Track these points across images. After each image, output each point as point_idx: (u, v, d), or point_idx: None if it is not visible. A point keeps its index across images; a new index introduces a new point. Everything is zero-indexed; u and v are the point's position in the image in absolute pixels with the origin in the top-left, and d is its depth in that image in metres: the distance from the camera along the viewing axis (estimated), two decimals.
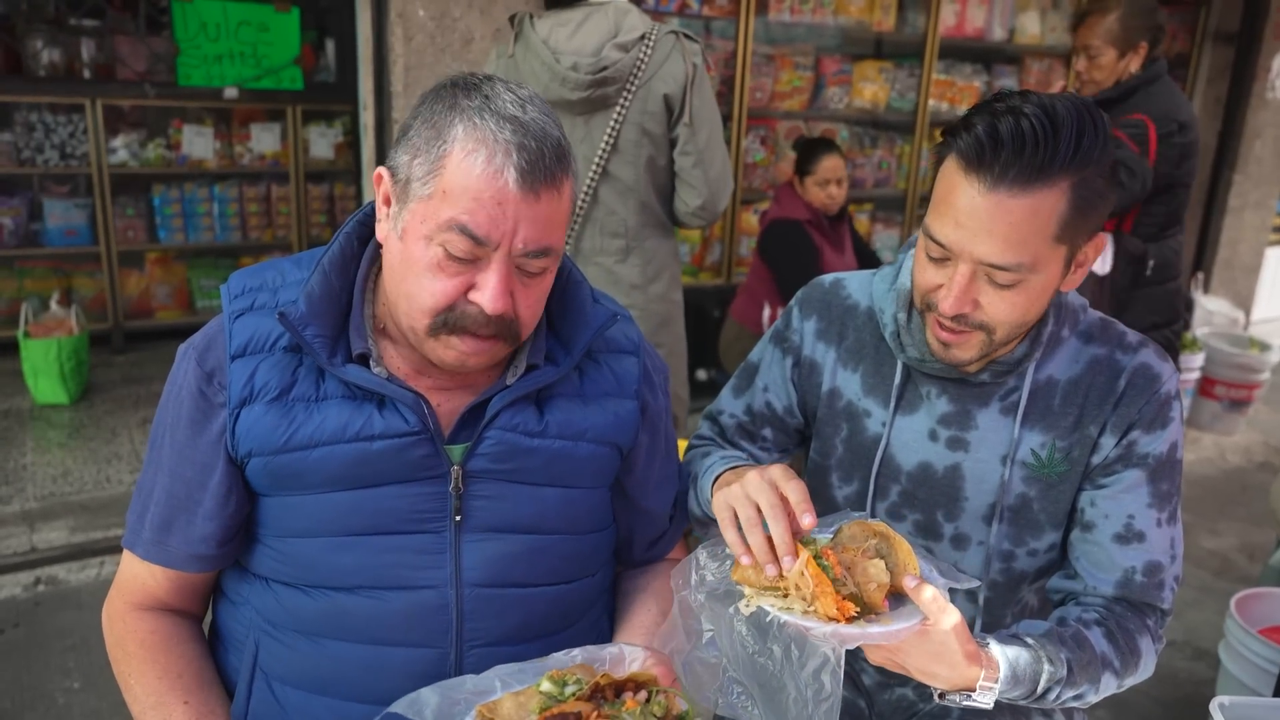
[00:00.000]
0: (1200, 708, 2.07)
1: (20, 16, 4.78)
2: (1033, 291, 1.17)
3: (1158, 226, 2.91)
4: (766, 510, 1.07)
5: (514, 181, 1.02)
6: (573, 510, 1.23)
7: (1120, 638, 1.22)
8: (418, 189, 1.05)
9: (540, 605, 1.20)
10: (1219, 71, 5.63)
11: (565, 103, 2.41)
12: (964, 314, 1.18)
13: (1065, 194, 1.11)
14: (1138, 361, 1.29)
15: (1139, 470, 1.28)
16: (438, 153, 1.03)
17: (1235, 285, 5.94)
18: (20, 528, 3.16)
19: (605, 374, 1.25)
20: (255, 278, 1.17)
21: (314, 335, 1.10)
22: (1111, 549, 1.27)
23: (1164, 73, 2.87)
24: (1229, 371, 4.81)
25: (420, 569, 1.14)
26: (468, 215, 1.02)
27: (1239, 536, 3.81)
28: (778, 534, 1.06)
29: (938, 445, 1.35)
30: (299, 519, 1.14)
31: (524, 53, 2.42)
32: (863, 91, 4.85)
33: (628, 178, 2.51)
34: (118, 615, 1.22)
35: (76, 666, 2.57)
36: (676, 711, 0.99)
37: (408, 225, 1.06)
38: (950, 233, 1.14)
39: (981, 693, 1.10)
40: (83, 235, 4.85)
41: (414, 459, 1.13)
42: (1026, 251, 1.12)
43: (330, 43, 5.39)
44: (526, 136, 1.03)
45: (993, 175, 1.10)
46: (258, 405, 1.11)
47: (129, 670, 1.18)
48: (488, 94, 1.05)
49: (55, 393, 4.15)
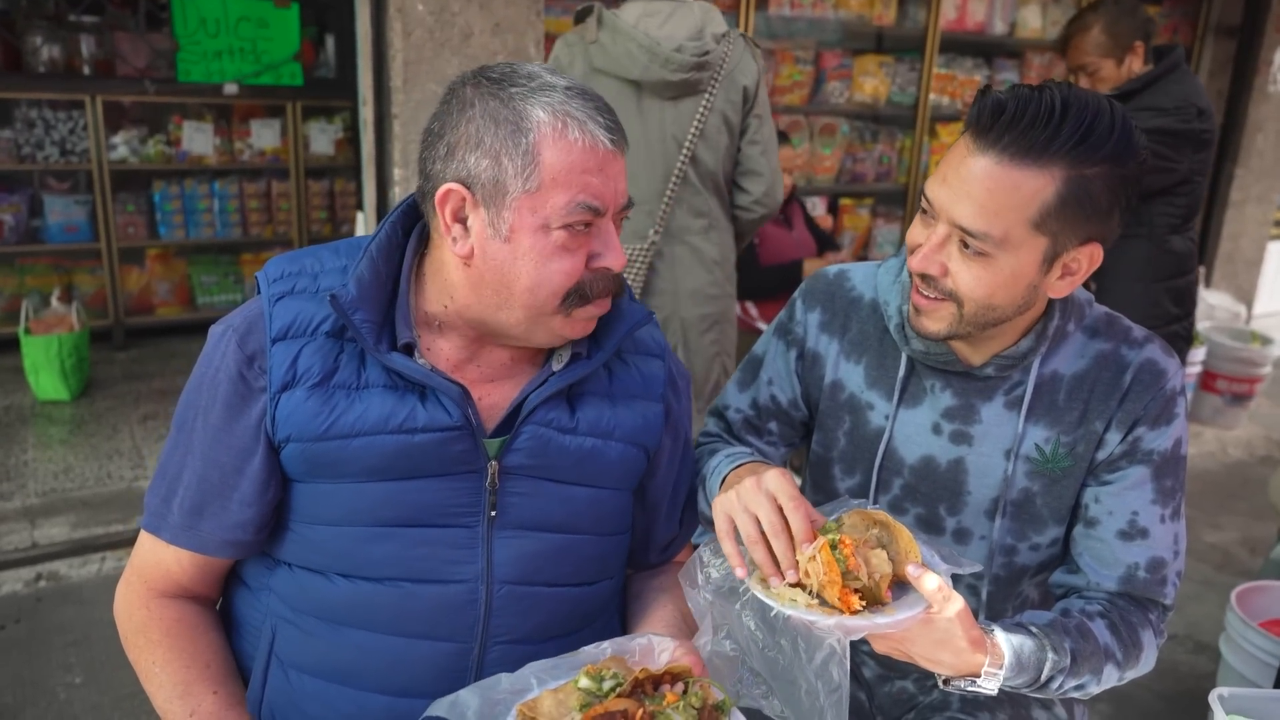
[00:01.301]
0: (1201, 701, 2.07)
1: (20, 12, 4.78)
2: (1001, 273, 1.15)
3: (1181, 218, 2.87)
4: (767, 528, 1.08)
5: (607, 142, 1.07)
6: (600, 511, 1.23)
7: (1123, 630, 1.22)
8: (517, 186, 1.05)
9: (564, 606, 1.21)
10: (1220, 65, 5.61)
11: (661, 84, 2.52)
12: (932, 276, 1.18)
13: (1056, 183, 1.10)
14: (1144, 357, 1.28)
15: (1144, 466, 1.28)
16: (527, 144, 1.04)
17: (1237, 279, 5.93)
18: (21, 524, 3.16)
19: (633, 375, 1.26)
20: (294, 264, 1.16)
21: (362, 320, 1.09)
22: (1115, 545, 1.27)
23: (1180, 62, 2.82)
24: (1231, 365, 4.81)
25: (452, 563, 1.14)
26: (583, 192, 1.06)
27: (1240, 530, 3.81)
28: (780, 549, 1.07)
29: (941, 439, 1.34)
30: (332, 507, 1.13)
31: (612, 37, 2.49)
32: (863, 86, 4.84)
33: (710, 162, 2.65)
34: (139, 601, 1.19)
35: (78, 662, 2.58)
36: (713, 701, 0.99)
37: (514, 223, 1.06)
38: (937, 189, 1.16)
39: (986, 679, 1.10)
40: (83, 231, 4.85)
41: (454, 454, 1.13)
42: (998, 224, 1.11)
43: (330, 38, 5.38)
44: (592, 100, 1.08)
45: (987, 140, 1.11)
46: (299, 390, 1.09)
47: (153, 659, 1.16)
48: (529, 74, 1.09)
49: (56, 389, 4.15)
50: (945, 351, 1.29)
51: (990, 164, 1.11)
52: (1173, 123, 2.71)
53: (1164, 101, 2.74)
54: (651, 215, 2.63)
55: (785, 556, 1.06)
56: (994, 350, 1.29)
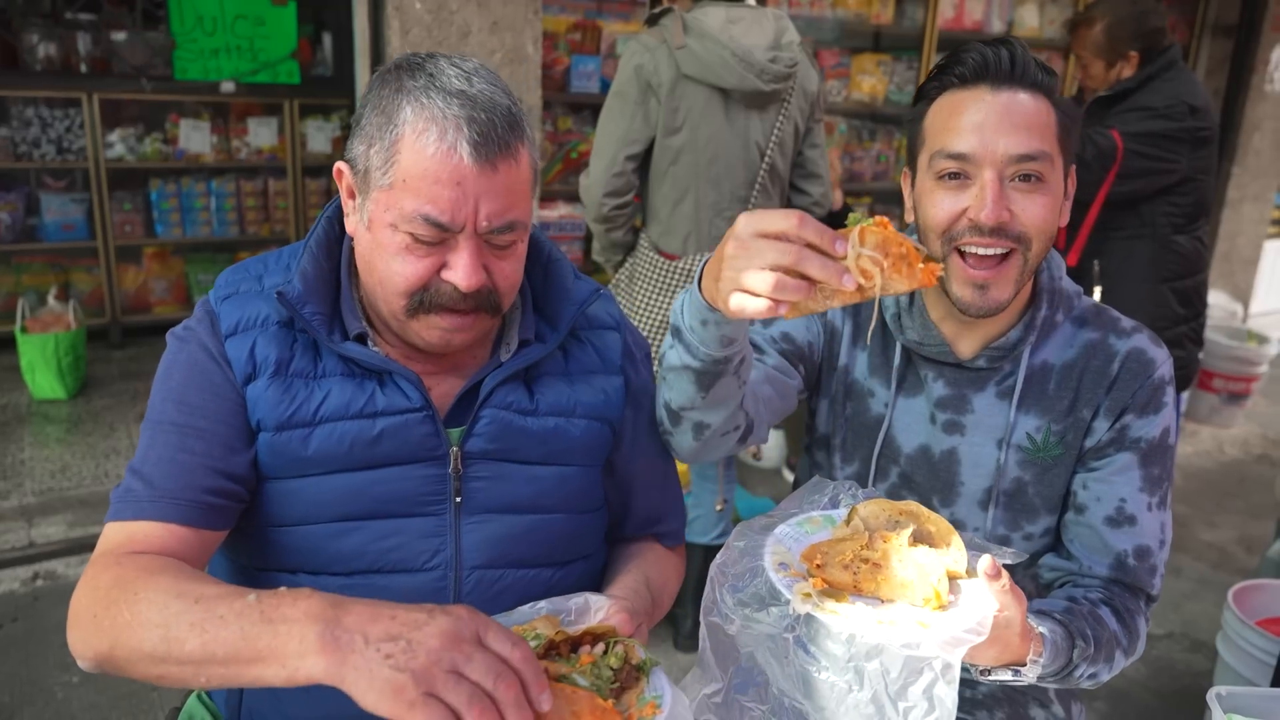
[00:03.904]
0: (1197, 699, 2.08)
1: (16, 10, 4.77)
2: (1053, 195, 1.22)
3: (1185, 218, 2.84)
4: (792, 258, 0.90)
5: (469, 156, 1.02)
6: (568, 488, 1.23)
7: (1125, 618, 1.24)
8: (377, 178, 1.06)
9: (535, 588, 1.20)
10: (1218, 64, 5.62)
11: (753, 94, 2.54)
12: (1003, 224, 1.19)
13: (1050, 108, 1.22)
14: (1131, 346, 1.31)
15: (1130, 454, 1.29)
16: (391, 138, 1.04)
17: (1234, 278, 5.94)
18: (18, 523, 3.16)
19: (589, 351, 1.27)
20: (238, 272, 1.19)
21: (312, 313, 1.11)
22: (1103, 531, 1.29)
23: (1175, 60, 2.79)
24: (1227, 364, 4.82)
25: (420, 553, 1.15)
26: (430, 204, 1.02)
27: (1237, 529, 3.82)
28: (817, 269, 0.90)
29: (935, 428, 1.36)
30: (299, 505, 1.13)
31: (700, 43, 2.49)
32: (861, 85, 4.84)
33: (781, 167, 2.72)
34: (102, 568, 1.00)
35: (75, 661, 2.57)
36: (635, 661, 0.97)
37: (373, 215, 1.07)
38: (970, 138, 1.19)
39: (1030, 668, 1.07)
40: (80, 230, 4.84)
41: (416, 438, 1.13)
42: (1046, 141, 1.20)
43: (327, 37, 5.37)
44: (475, 109, 1.03)
45: (999, 78, 1.20)
46: (260, 380, 1.11)
47: (141, 586, 0.93)
48: (432, 71, 1.06)
49: (53, 388, 4.14)
50: (938, 342, 1.31)
51: (1015, 93, 1.20)
52: (1163, 124, 2.69)
53: (1155, 101, 2.72)
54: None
55: (828, 270, 0.90)
56: (985, 340, 1.31)
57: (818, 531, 1.09)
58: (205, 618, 0.87)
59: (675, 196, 2.63)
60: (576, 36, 4.19)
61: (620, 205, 2.64)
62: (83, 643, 0.97)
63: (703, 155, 2.58)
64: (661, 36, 2.53)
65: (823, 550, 1.02)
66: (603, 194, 2.59)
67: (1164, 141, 2.71)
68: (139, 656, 0.90)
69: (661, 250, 2.69)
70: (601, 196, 2.60)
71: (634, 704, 0.93)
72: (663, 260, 2.68)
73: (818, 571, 0.99)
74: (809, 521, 1.10)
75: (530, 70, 3.37)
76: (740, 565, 1.02)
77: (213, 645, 0.86)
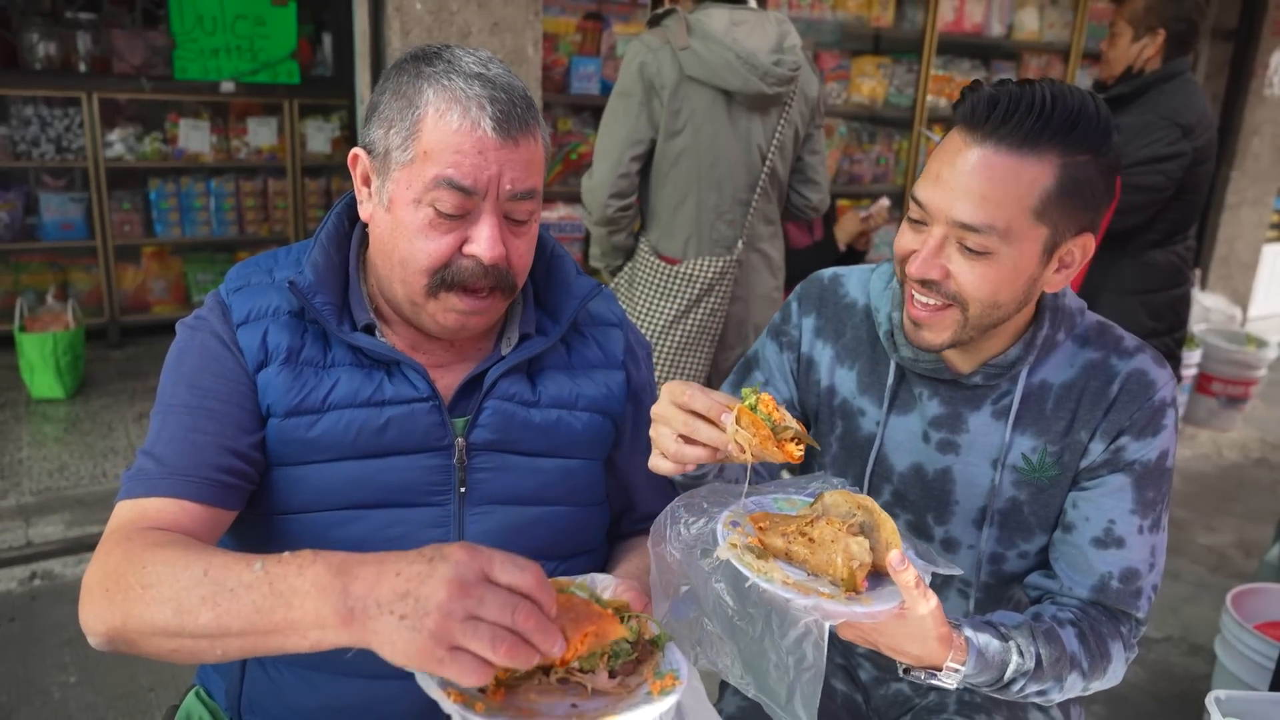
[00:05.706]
0: (1196, 703, 2.08)
1: (16, 9, 4.77)
2: (1004, 268, 1.13)
3: (1163, 234, 2.84)
4: (682, 426, 1.04)
5: (491, 130, 1.06)
6: (572, 481, 1.25)
7: (1092, 640, 1.22)
8: (398, 157, 1.08)
9: None
10: (1217, 68, 5.63)
11: (756, 96, 2.54)
12: (933, 280, 1.16)
13: (1053, 170, 1.10)
14: (1132, 367, 1.27)
15: (1124, 475, 1.26)
16: (412, 118, 1.07)
17: (1232, 282, 5.95)
18: (16, 522, 3.15)
19: (591, 346, 1.29)
20: (249, 266, 1.22)
21: (323, 303, 1.13)
22: (1089, 552, 1.27)
23: (1183, 71, 2.80)
24: (1226, 368, 4.82)
25: (424, 542, 1.13)
26: (452, 169, 1.05)
27: (1235, 532, 3.82)
28: (706, 437, 1.03)
29: (929, 447, 1.34)
30: (305, 492, 1.14)
31: (705, 44, 2.48)
32: (861, 87, 4.85)
33: (781, 171, 2.73)
34: (114, 544, 0.99)
35: (73, 661, 2.57)
36: (649, 635, 0.98)
37: (394, 194, 1.09)
38: (930, 191, 1.14)
39: (947, 674, 1.09)
40: (79, 229, 4.83)
41: (422, 428, 1.15)
42: (1001, 215, 1.10)
43: (327, 37, 5.37)
44: (495, 89, 1.07)
45: (984, 131, 1.10)
46: (272, 367, 1.13)
47: (149, 559, 0.92)
48: (449, 59, 1.09)
49: (51, 387, 4.14)
50: (934, 360, 1.28)
51: (989, 154, 1.10)
52: (1159, 149, 2.69)
53: (1150, 119, 2.71)
54: (735, 225, 2.67)
55: (714, 438, 1.03)
56: (984, 358, 1.28)
57: (787, 510, 1.13)
58: (215, 591, 0.86)
59: (676, 199, 2.63)
60: (578, 38, 4.19)
61: (624, 207, 2.64)
62: (95, 618, 0.95)
63: (704, 158, 2.58)
64: (664, 37, 2.52)
65: (773, 519, 1.09)
66: (608, 195, 2.58)
67: (1161, 179, 2.72)
68: (153, 631, 0.89)
69: (661, 254, 2.69)
70: (607, 198, 2.59)
71: (650, 676, 0.94)
72: (663, 264, 2.68)
73: (759, 534, 1.06)
74: (787, 501, 1.15)
75: (530, 72, 3.37)
76: (697, 512, 1.11)
77: (226, 619, 0.85)
